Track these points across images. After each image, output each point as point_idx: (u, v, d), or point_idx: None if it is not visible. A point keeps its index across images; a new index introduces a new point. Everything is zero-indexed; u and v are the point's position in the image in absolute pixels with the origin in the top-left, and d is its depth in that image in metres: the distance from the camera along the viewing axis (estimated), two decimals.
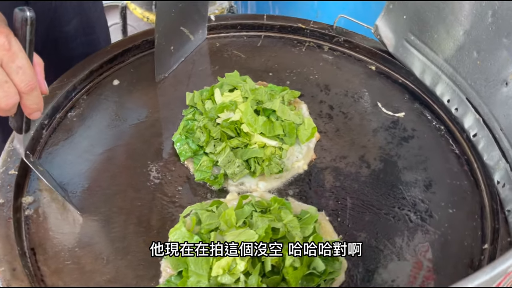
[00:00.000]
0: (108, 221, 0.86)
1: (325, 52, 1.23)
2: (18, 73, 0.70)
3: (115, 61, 1.14)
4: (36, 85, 0.74)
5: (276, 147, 0.95)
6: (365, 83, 1.15)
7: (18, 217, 0.84)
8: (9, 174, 0.87)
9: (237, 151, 0.94)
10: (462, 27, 0.96)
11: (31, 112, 0.77)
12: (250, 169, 0.93)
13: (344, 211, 0.90)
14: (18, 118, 0.78)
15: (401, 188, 0.94)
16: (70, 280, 0.78)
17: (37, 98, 0.75)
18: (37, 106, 0.76)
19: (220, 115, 0.97)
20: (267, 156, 0.93)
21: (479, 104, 0.96)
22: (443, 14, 0.99)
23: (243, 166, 0.92)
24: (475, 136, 0.98)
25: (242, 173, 0.93)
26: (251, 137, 0.94)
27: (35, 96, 0.74)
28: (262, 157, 0.93)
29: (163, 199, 0.90)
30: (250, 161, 0.93)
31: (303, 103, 1.07)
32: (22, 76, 0.71)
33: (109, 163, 0.95)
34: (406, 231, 0.87)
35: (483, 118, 0.95)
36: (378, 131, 1.05)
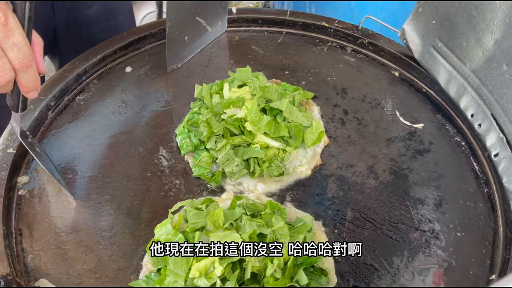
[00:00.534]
0: (98, 209, 0.85)
1: (347, 53, 1.17)
2: (13, 49, 0.69)
3: (130, 47, 1.12)
4: (32, 63, 0.73)
5: (279, 148, 0.91)
6: (386, 89, 1.09)
7: (11, 196, 0.84)
8: (8, 152, 0.87)
9: (238, 150, 0.90)
10: (493, 37, 0.88)
11: (27, 91, 0.76)
12: (249, 169, 0.89)
13: (342, 223, 0.85)
14: (14, 96, 0.78)
15: (408, 204, 0.88)
16: (51, 265, 0.77)
17: (33, 77, 0.74)
18: (33, 85, 0.75)
19: (226, 111, 0.93)
20: (268, 157, 0.89)
21: (504, 122, 0.87)
22: (474, 22, 0.91)
23: (242, 166, 0.89)
24: (496, 155, 0.90)
25: (240, 173, 0.89)
26: (254, 136, 0.91)
27: (30, 74, 0.74)
28: (263, 158, 0.89)
29: (157, 191, 0.88)
30: (250, 161, 0.89)
31: (315, 105, 1.02)
32: (17, 53, 0.70)
33: (109, 150, 0.94)
34: (407, 251, 0.81)
35: (507, 137, 0.87)
36: (392, 141, 0.98)
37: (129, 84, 1.06)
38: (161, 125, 1.00)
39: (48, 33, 1.24)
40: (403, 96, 1.07)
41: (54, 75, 1.02)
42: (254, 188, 0.90)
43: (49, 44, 1.28)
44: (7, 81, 0.72)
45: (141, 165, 0.92)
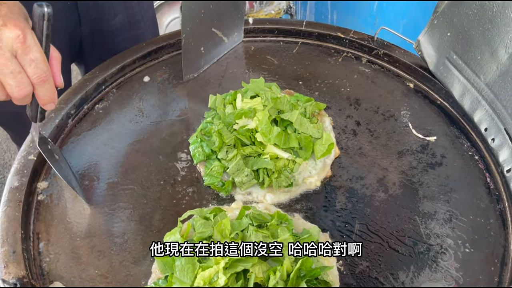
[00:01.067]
0: (112, 215, 0.88)
1: (362, 64, 1.17)
2: (31, 65, 0.73)
3: (149, 57, 1.16)
4: (49, 78, 0.77)
5: (289, 159, 0.92)
6: (400, 100, 1.08)
7: (30, 201, 0.88)
8: (29, 159, 0.91)
9: (248, 160, 0.92)
10: (508, 51, 0.87)
11: (44, 103, 0.80)
12: (258, 179, 0.91)
13: (349, 236, 0.85)
14: (33, 107, 0.82)
15: (416, 218, 0.87)
16: (65, 268, 0.80)
17: (50, 90, 0.78)
18: (50, 98, 0.79)
19: (238, 121, 0.95)
20: (277, 168, 0.91)
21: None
22: (489, 35, 0.90)
23: (251, 176, 0.90)
24: (509, 171, 0.89)
25: (250, 183, 0.91)
26: (264, 147, 0.92)
27: (47, 88, 0.77)
28: (272, 169, 0.90)
29: (169, 199, 0.91)
30: (259, 171, 0.91)
31: (327, 116, 1.03)
32: (34, 69, 0.74)
33: (125, 158, 0.97)
34: (413, 266, 0.81)
35: None
36: (404, 154, 0.98)
37: (147, 93, 1.10)
38: (176, 134, 1.02)
39: (75, 43, 1.29)
40: (417, 108, 1.07)
41: (75, 84, 1.06)
42: (263, 198, 0.92)
43: (75, 52, 1.33)
44: (25, 95, 0.76)
45: (155, 174, 0.95)
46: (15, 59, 0.72)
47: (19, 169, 0.89)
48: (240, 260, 0.73)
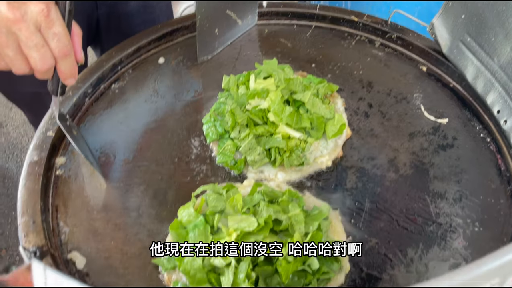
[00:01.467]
0: (127, 191, 0.90)
1: (375, 47, 1.17)
2: (54, 39, 0.76)
3: (164, 39, 1.17)
4: (71, 52, 0.79)
5: (301, 139, 0.93)
6: (413, 83, 1.09)
7: (49, 175, 0.91)
8: (48, 135, 0.94)
9: (260, 139, 0.94)
10: None
11: (65, 77, 0.82)
12: (270, 158, 0.93)
13: (359, 214, 0.87)
14: (54, 81, 0.84)
15: (427, 198, 0.88)
16: (82, 239, 0.83)
17: (71, 64, 0.80)
18: (71, 72, 0.82)
19: (250, 102, 0.97)
20: (289, 147, 0.92)
21: None
22: (503, 17, 0.90)
23: (263, 155, 0.92)
24: None
25: (262, 161, 0.92)
26: (276, 127, 0.93)
27: (69, 62, 0.80)
28: (284, 148, 0.92)
29: (183, 176, 0.93)
30: (271, 150, 0.93)
31: (339, 97, 1.04)
32: (57, 43, 0.76)
33: (140, 136, 0.99)
34: (422, 243, 0.82)
35: None
36: (415, 135, 0.99)
37: (161, 75, 1.12)
38: (190, 114, 1.04)
39: (91, 25, 1.32)
40: (430, 91, 1.07)
41: (92, 64, 1.08)
42: (274, 177, 0.93)
43: (92, 35, 1.36)
44: (48, 68, 0.78)
45: (169, 151, 0.97)
46: (39, 33, 0.74)
47: (38, 144, 0.92)
48: (252, 233, 0.75)
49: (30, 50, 0.74)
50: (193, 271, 0.74)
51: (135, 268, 0.80)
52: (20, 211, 0.82)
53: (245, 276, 0.71)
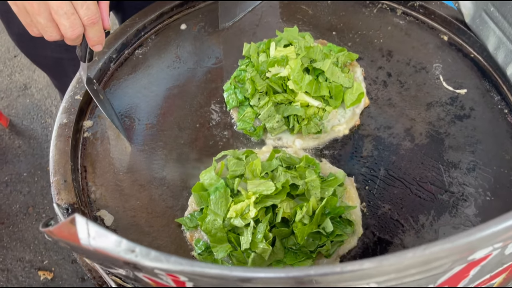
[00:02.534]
0: (152, 153, 0.95)
1: (397, 16, 1.17)
2: (82, 7, 0.79)
3: (186, 5, 1.19)
4: (98, 20, 0.82)
5: (319, 107, 0.95)
6: (433, 53, 1.09)
7: (77, 137, 0.95)
8: (75, 98, 0.98)
9: (279, 107, 0.96)
10: None
11: (93, 44, 0.86)
12: (289, 125, 0.95)
13: (374, 181, 0.90)
14: (82, 48, 0.88)
15: (440, 167, 0.91)
16: (110, 198, 0.88)
17: (99, 32, 0.84)
18: (98, 39, 0.85)
19: (271, 69, 0.98)
20: (308, 115, 0.95)
21: None
22: None
23: (282, 122, 0.95)
24: None
25: (280, 129, 0.95)
26: (296, 95, 0.96)
27: (96, 30, 0.83)
28: (302, 116, 0.94)
29: (205, 141, 0.97)
30: (290, 118, 0.95)
31: (358, 66, 1.05)
32: (86, 10, 0.79)
33: (163, 101, 1.03)
34: (433, 210, 0.85)
35: None
36: (433, 105, 1.00)
37: (184, 41, 1.14)
38: (211, 81, 1.07)
39: None
40: (450, 61, 1.07)
41: (116, 30, 1.11)
42: (292, 144, 0.96)
43: (114, 1, 1.38)
44: (77, 35, 0.81)
45: (191, 117, 1.00)
46: (68, 1, 0.77)
47: (67, 107, 0.97)
48: (270, 196, 0.78)
49: (61, 18, 0.77)
50: (214, 231, 0.78)
51: (159, 227, 0.85)
52: (52, 171, 0.87)
53: (262, 237, 0.75)
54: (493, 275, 0.53)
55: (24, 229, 2.02)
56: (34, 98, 2.42)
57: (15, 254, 1.96)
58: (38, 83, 2.47)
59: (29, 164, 2.20)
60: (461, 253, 0.40)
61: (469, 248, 0.39)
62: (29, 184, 2.14)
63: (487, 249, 0.43)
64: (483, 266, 0.47)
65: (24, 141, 2.27)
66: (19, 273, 1.92)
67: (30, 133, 2.30)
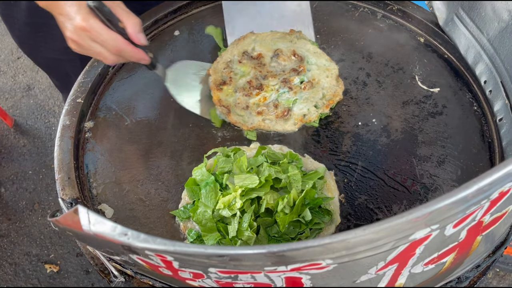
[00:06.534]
0: (148, 151, 1.03)
1: (377, 19, 1.24)
2: (103, 44, 0.90)
3: (179, 12, 1.26)
4: (123, 46, 0.91)
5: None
6: (410, 54, 1.16)
7: (79, 137, 1.03)
8: (77, 102, 1.06)
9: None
10: (508, 8, 0.93)
11: (135, 61, 0.97)
12: None
13: (352, 174, 0.98)
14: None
15: (413, 160, 0.99)
16: (110, 193, 0.97)
17: (131, 53, 0.94)
18: (135, 57, 0.95)
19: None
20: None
21: (510, 89, 0.95)
22: None
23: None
24: (501, 120, 0.98)
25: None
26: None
27: (127, 53, 0.93)
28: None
29: (196, 139, 1.04)
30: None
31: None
32: (108, 46, 0.90)
33: (157, 102, 1.11)
34: (405, 200, 0.93)
35: (511, 104, 0.94)
36: (408, 103, 1.08)
37: (176, 46, 1.21)
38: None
39: None
40: (426, 61, 1.15)
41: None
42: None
43: None
44: (115, 61, 0.95)
45: (185, 117, 1.08)
46: (93, 42, 0.89)
47: (69, 110, 1.05)
48: (254, 189, 0.86)
49: (96, 55, 0.92)
50: (204, 221, 0.87)
51: (155, 218, 0.94)
52: (57, 169, 0.96)
53: (248, 225, 0.83)
54: (441, 254, 0.61)
55: (30, 225, 2.11)
56: (38, 98, 2.51)
57: (22, 248, 2.05)
58: (41, 84, 2.55)
59: (34, 162, 2.28)
60: (399, 232, 0.48)
61: (404, 228, 0.47)
62: (34, 182, 2.23)
63: (424, 230, 0.50)
64: (427, 245, 0.55)
65: (29, 140, 2.36)
66: (26, 266, 2.01)
67: (34, 132, 2.38)
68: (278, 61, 1.12)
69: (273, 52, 1.13)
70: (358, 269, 0.56)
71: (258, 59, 1.12)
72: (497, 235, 0.78)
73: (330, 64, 1.11)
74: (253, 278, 0.55)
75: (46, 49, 1.35)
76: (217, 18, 1.25)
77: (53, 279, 1.98)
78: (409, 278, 0.65)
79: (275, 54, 1.13)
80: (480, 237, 0.67)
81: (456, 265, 0.72)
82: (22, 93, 2.53)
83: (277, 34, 1.17)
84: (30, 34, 1.29)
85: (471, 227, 0.58)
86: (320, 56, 1.13)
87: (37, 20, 1.23)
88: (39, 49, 1.38)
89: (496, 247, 0.84)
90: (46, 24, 1.24)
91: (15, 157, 2.30)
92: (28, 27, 1.26)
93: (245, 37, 1.16)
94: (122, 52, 0.92)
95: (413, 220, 0.45)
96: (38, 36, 1.29)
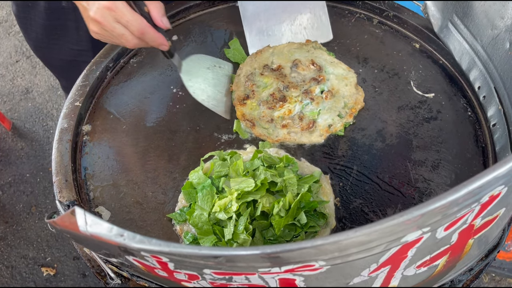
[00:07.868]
0: (145, 154, 1.04)
1: (373, 25, 1.26)
2: (128, 25, 0.92)
3: (177, 16, 1.28)
4: (146, 29, 0.94)
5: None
6: (405, 60, 1.18)
7: (77, 140, 1.04)
8: (75, 105, 1.07)
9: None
10: (500, 14, 0.95)
11: (155, 46, 0.99)
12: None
13: (347, 178, 0.99)
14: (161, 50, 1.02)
15: (408, 165, 1.00)
16: (107, 196, 0.97)
17: (153, 37, 0.96)
18: (156, 42, 0.98)
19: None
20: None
21: (503, 95, 0.96)
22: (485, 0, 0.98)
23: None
24: (494, 125, 0.99)
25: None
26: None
27: (149, 37, 0.95)
28: None
29: (194, 143, 1.05)
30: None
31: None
32: (132, 27, 0.92)
33: (155, 106, 1.12)
34: (400, 204, 0.94)
35: (504, 109, 0.95)
36: (403, 108, 1.09)
37: (175, 50, 1.22)
38: None
39: None
40: (421, 67, 1.16)
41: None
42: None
43: None
44: (136, 45, 0.96)
45: (182, 121, 1.09)
46: (117, 23, 0.91)
47: (67, 113, 1.05)
48: (250, 192, 0.87)
49: (117, 38, 0.94)
50: (200, 224, 0.87)
51: (152, 221, 0.94)
52: (55, 171, 0.96)
53: (243, 228, 0.84)
54: (433, 257, 0.62)
55: (27, 228, 2.12)
56: (36, 101, 2.52)
57: (19, 251, 2.06)
58: (40, 87, 2.56)
59: (31, 165, 2.29)
60: (391, 234, 0.49)
61: (396, 231, 0.48)
62: (31, 185, 2.23)
63: (416, 233, 0.51)
64: (419, 248, 0.56)
65: (27, 143, 2.36)
66: (23, 269, 2.01)
67: (32, 135, 2.39)
68: (298, 71, 1.12)
69: (292, 62, 1.14)
70: (351, 271, 0.57)
71: (278, 70, 1.13)
72: (489, 239, 0.79)
73: (348, 73, 1.12)
74: (247, 279, 0.55)
75: (61, 51, 1.36)
76: (216, 23, 1.26)
77: (50, 282, 1.99)
78: (402, 280, 0.66)
79: (294, 64, 1.13)
80: (472, 240, 0.68)
81: (449, 268, 0.73)
82: (20, 96, 2.54)
83: (294, 45, 1.18)
84: (46, 37, 1.32)
85: (463, 230, 0.59)
86: (337, 66, 1.13)
87: (54, 22, 1.25)
88: (54, 51, 1.39)
89: (489, 251, 0.85)
90: (63, 26, 1.26)
91: (13, 160, 2.31)
92: (44, 29, 1.28)
93: (262, 51, 1.17)
94: (145, 35, 0.94)
95: (404, 222, 0.46)
96: (54, 38, 1.31)
